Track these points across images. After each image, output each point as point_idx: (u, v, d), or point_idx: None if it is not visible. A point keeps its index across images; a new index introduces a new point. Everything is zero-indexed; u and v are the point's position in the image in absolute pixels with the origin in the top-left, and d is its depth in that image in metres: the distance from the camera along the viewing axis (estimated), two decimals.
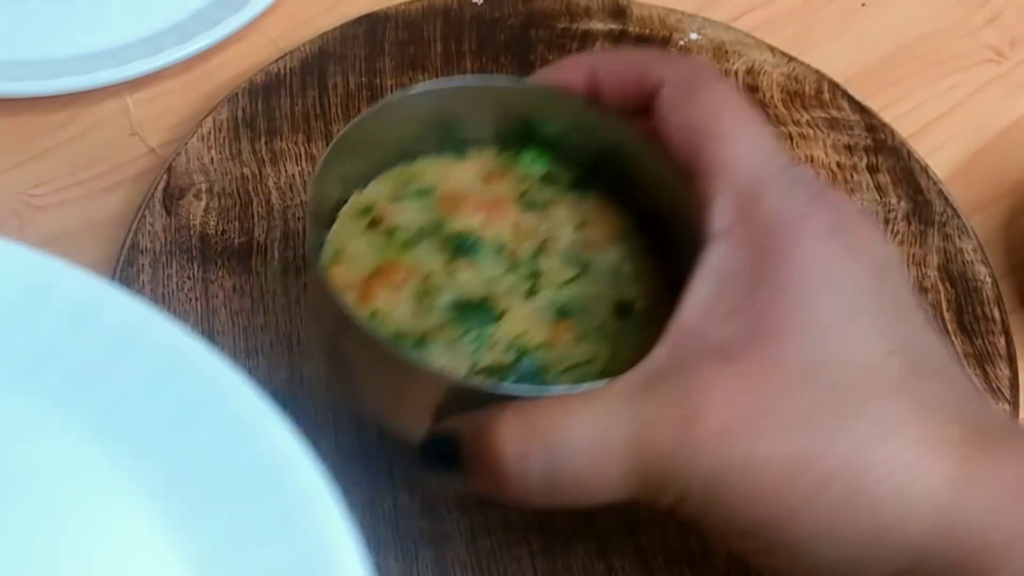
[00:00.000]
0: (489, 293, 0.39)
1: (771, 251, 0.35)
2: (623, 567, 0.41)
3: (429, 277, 0.39)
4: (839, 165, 0.54)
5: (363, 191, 0.41)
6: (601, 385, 0.34)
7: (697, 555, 0.42)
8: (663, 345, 0.34)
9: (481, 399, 0.35)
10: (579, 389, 0.34)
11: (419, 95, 0.41)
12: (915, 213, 0.52)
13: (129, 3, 0.55)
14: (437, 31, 0.56)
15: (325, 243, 0.40)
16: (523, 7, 0.58)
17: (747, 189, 0.36)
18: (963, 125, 0.57)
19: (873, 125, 0.55)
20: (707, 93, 0.37)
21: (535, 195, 0.41)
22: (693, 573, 0.42)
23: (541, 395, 0.35)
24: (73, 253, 0.41)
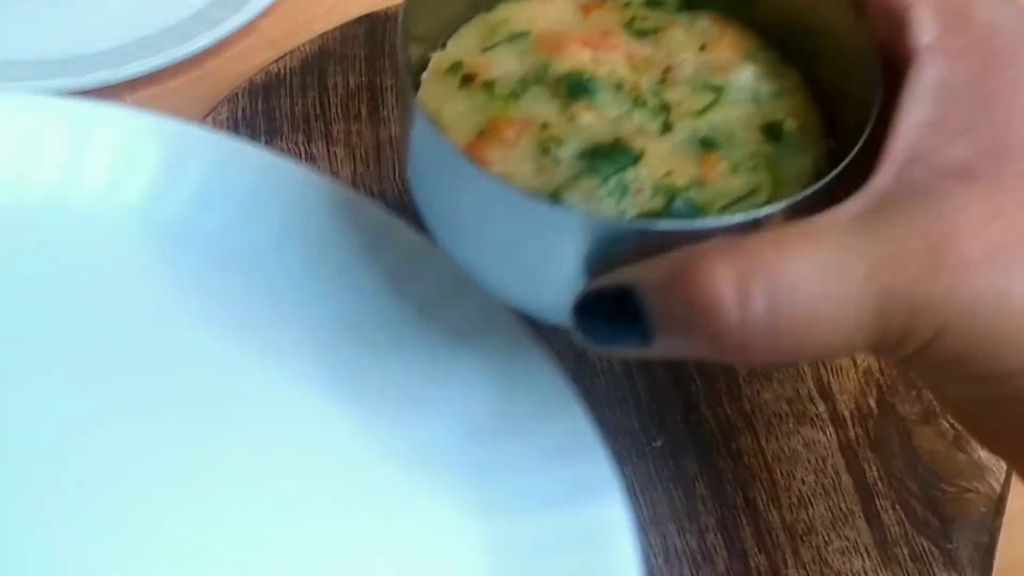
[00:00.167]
0: (620, 134, 0.35)
1: (1001, 63, 0.32)
2: None
3: (547, 127, 0.35)
4: None
5: (443, 50, 0.37)
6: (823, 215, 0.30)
7: (697, 555, 0.42)
8: (886, 169, 0.31)
9: (657, 243, 0.31)
10: (798, 220, 0.30)
11: None
12: None
13: (129, 3, 0.55)
14: None
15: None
16: None
17: (951, 1, 0.33)
18: None
19: None
20: None
21: (643, 21, 0.38)
22: (693, 573, 0.42)
23: (746, 227, 0.30)
24: None
